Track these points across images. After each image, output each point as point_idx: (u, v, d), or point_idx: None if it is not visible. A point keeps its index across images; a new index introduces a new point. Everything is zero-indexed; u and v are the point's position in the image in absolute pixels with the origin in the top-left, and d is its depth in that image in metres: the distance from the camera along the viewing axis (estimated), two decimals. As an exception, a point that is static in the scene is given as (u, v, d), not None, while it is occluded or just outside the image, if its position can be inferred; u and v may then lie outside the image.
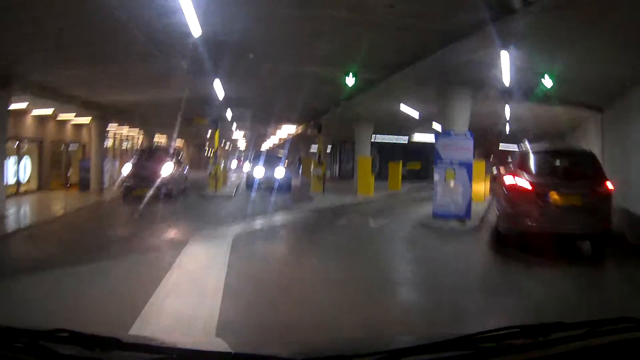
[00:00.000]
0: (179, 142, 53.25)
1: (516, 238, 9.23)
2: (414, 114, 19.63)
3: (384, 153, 40.10)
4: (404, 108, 18.23)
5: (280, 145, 44.38)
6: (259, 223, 13.04)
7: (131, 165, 18.36)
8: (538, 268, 8.16)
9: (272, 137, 43.51)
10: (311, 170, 25.63)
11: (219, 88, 15.33)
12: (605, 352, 1.64)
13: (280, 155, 28.02)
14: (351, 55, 11.07)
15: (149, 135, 36.16)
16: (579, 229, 8.67)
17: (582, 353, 1.64)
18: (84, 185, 21.87)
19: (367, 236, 11.85)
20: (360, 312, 5.56)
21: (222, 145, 63.20)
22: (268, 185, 23.26)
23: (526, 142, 10.96)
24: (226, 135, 43.80)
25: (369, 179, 21.34)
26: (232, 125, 31.66)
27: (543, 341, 1.66)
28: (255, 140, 47.37)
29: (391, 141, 37.52)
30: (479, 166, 20.00)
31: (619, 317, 1.75)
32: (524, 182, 9.04)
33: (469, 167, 12.70)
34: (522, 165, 9.57)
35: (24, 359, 1.55)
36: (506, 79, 11.79)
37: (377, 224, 13.30)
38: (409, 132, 31.96)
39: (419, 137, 33.91)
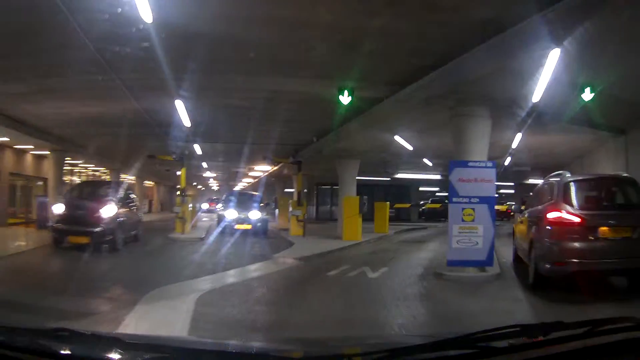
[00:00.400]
0: (149, 183, 50.62)
1: (558, 280, 8.19)
2: (408, 147, 17.41)
3: (364, 193, 38.12)
4: (398, 139, 15.97)
5: (255, 185, 41.74)
6: (231, 277, 10.37)
7: (63, 205, 14.12)
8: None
9: (246, 177, 40.90)
10: (289, 211, 23.13)
11: (182, 114, 12.89)
12: (605, 352, 1.63)
13: (255, 195, 25.48)
14: (349, 62, 8.80)
15: (116, 173, 33.73)
16: (629, 264, 7.78)
17: (582, 353, 1.62)
18: (41, 223, 19.49)
19: (370, 292, 9.24)
20: None
21: (195, 185, 60.58)
22: (242, 229, 20.63)
23: (566, 173, 9.07)
24: (197, 175, 41.25)
25: (355, 221, 18.81)
26: (203, 163, 29.18)
27: (543, 341, 1.65)
28: (228, 180, 44.57)
29: (371, 180, 35.55)
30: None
31: (619, 317, 1.77)
32: (571, 216, 7.98)
33: (491, 204, 10.35)
34: (565, 197, 8.37)
35: (24, 359, 1.53)
36: (537, 94, 9.74)
37: (376, 274, 10.75)
38: (392, 171, 29.77)
39: (402, 175, 31.76)
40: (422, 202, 44.26)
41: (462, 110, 10.85)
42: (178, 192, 24.98)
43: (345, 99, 9.68)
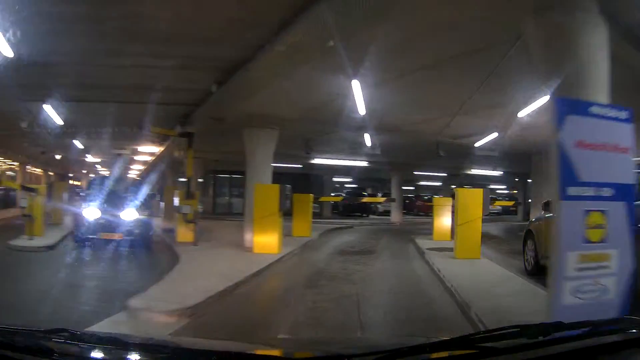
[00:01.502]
0: (37, 170, 41.05)
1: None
2: (359, 109, 11.19)
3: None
4: (354, 91, 9.67)
5: (145, 173, 33.41)
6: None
7: None
8: None
9: (135, 163, 32.44)
10: (174, 206, 16.14)
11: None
12: (605, 352, 1.62)
13: (132, 183, 18.20)
14: None
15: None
16: None
17: (582, 353, 1.62)
18: None
19: None
20: None
21: (86, 173, 51.04)
22: (111, 236, 12.95)
23: None
24: (80, 160, 32.22)
25: (273, 224, 12.31)
26: (74, 141, 21.13)
27: (543, 341, 1.63)
28: (118, 167, 35.68)
29: (278, 167, 29.57)
30: (470, 195, 12.21)
31: (619, 317, 1.89)
32: None
33: (629, 200, 4.50)
34: None
35: (24, 359, 1.51)
36: None
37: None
38: (312, 154, 23.79)
39: (321, 161, 25.67)
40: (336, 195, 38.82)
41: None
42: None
43: None
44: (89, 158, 30.50)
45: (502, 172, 29.81)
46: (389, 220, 29.16)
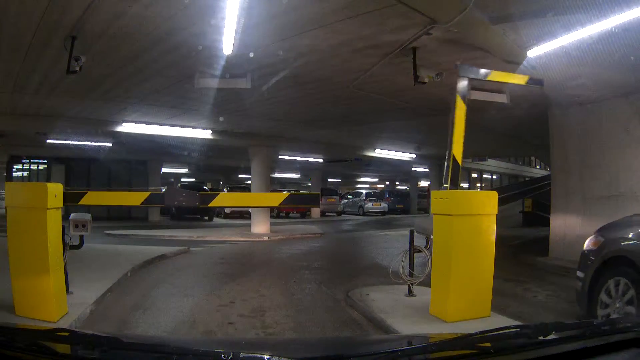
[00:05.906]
0: None
1: None
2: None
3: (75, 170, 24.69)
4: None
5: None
6: None
7: None
8: None
9: None
10: None
11: None
12: (605, 352, 1.58)
13: None
14: None
15: None
16: None
17: (581, 353, 1.57)
18: None
19: None
20: None
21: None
22: None
23: None
24: None
25: None
26: None
27: (543, 341, 1.59)
28: None
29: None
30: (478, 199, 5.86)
31: (619, 317, 1.70)
32: None
33: None
34: None
35: (24, 359, 1.47)
36: None
37: None
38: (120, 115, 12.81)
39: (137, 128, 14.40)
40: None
41: None
42: None
43: None
44: None
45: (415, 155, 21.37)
46: (249, 231, 18.26)
